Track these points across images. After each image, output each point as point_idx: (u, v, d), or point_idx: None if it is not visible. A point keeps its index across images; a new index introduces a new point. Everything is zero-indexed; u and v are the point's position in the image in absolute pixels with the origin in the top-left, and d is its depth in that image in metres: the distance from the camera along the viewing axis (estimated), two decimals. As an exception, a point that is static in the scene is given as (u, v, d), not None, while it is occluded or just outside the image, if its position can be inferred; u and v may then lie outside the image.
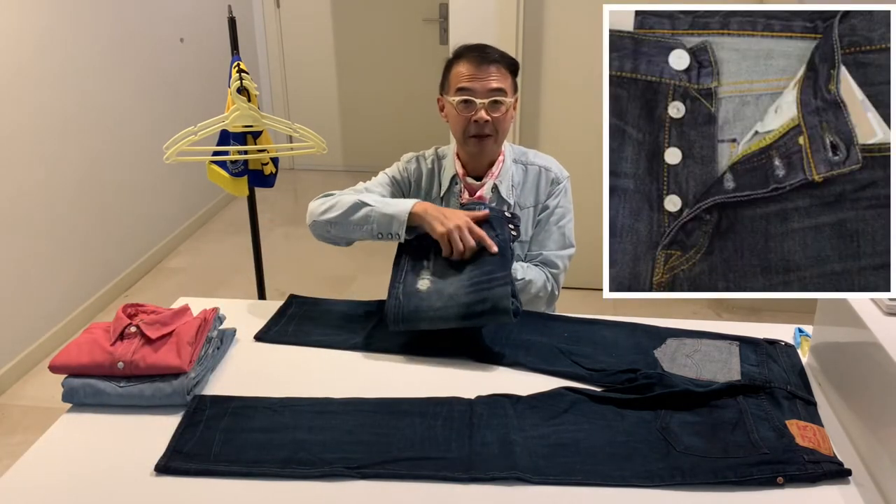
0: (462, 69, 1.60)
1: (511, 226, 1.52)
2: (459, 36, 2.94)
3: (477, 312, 1.37)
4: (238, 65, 2.09)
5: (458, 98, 1.59)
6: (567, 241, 1.72)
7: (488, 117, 1.58)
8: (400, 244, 1.53)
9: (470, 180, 1.69)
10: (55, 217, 2.92)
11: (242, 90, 2.08)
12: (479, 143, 1.62)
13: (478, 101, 1.58)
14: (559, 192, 1.72)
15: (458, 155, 1.71)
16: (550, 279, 1.67)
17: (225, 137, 2.18)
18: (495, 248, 1.44)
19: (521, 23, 2.92)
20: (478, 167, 1.69)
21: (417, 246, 1.52)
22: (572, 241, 1.73)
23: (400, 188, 1.76)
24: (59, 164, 2.92)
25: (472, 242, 1.44)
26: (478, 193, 1.68)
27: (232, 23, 2.18)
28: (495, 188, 1.69)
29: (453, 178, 1.71)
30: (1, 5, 2.55)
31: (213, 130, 2.11)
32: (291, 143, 2.30)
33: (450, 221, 1.46)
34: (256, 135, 2.22)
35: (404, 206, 1.51)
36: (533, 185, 1.72)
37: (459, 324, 1.39)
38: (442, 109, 1.70)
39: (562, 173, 1.74)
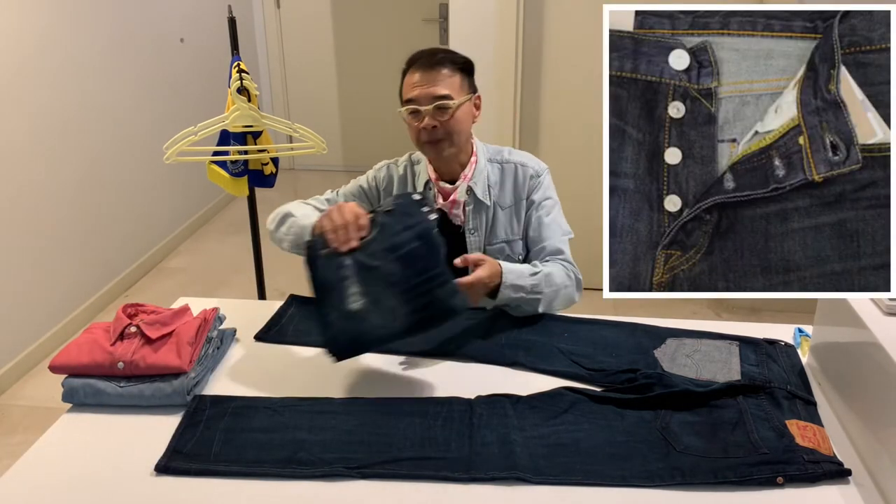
0: (409, 79, 1.59)
1: (426, 208, 1.33)
2: (459, 36, 2.94)
3: (426, 318, 1.26)
4: (238, 65, 2.09)
5: (405, 109, 1.58)
6: (563, 230, 1.70)
7: (435, 123, 1.56)
8: (312, 268, 1.33)
9: (443, 184, 1.67)
10: (55, 217, 2.91)
11: (242, 90, 2.08)
12: (434, 149, 1.59)
13: (422, 108, 1.56)
14: (540, 185, 1.70)
15: (430, 160, 1.69)
16: (567, 265, 1.64)
17: (225, 137, 2.18)
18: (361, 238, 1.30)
19: (521, 23, 2.92)
20: (449, 171, 1.66)
21: (327, 264, 1.31)
22: (567, 228, 1.71)
23: (367, 197, 1.74)
24: (59, 164, 2.92)
25: (346, 218, 1.31)
26: (451, 197, 1.66)
27: (232, 23, 2.18)
28: (470, 190, 1.66)
29: (427, 183, 1.68)
30: (1, 5, 2.55)
31: (213, 130, 2.11)
32: (291, 143, 2.30)
33: (331, 213, 1.34)
34: (256, 135, 2.22)
35: (315, 217, 1.44)
36: (511, 184, 1.69)
37: (411, 335, 1.29)
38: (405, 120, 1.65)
39: (539, 166, 1.71)
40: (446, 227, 1.68)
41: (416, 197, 1.36)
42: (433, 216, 1.32)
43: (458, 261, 1.46)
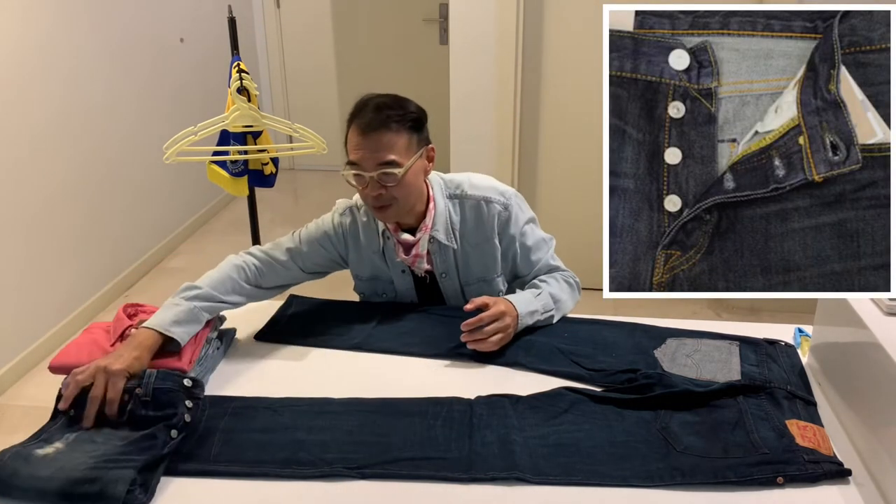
0: (353, 137, 1.43)
1: (189, 403, 1.20)
2: (459, 36, 2.94)
3: (78, 494, 1.04)
4: (238, 65, 2.09)
5: (349, 171, 1.44)
6: (546, 242, 1.64)
7: (380, 190, 1.42)
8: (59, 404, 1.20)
9: (404, 235, 1.53)
10: (55, 217, 2.91)
11: (242, 90, 2.08)
12: (382, 214, 1.48)
13: (367, 174, 1.42)
14: (511, 217, 1.57)
15: None
16: (560, 273, 1.61)
17: (225, 137, 2.18)
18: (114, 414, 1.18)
19: (521, 23, 2.92)
20: (407, 222, 1.53)
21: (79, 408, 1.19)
22: (547, 236, 1.65)
23: (334, 246, 1.60)
24: (58, 164, 2.92)
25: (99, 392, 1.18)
26: (413, 252, 1.53)
27: (232, 23, 2.18)
28: (433, 239, 1.54)
29: (384, 233, 1.56)
30: (1, 6, 2.55)
31: (213, 130, 2.11)
32: (291, 143, 2.30)
33: (101, 363, 1.21)
34: (256, 135, 2.22)
35: (148, 322, 1.33)
36: (475, 221, 1.56)
37: (54, 502, 1.04)
38: None
39: (505, 196, 1.57)
40: (414, 279, 1.62)
41: (187, 382, 1.21)
42: (190, 405, 1.20)
43: (468, 306, 1.41)
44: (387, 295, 1.66)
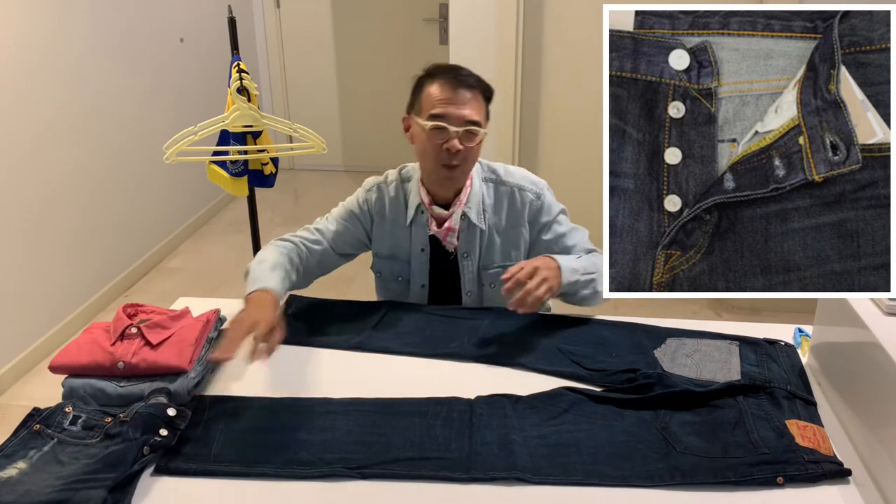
0: (436, 91, 1.48)
1: (164, 432, 1.15)
2: (459, 36, 2.94)
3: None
4: (238, 65, 2.09)
5: (430, 123, 1.47)
6: (581, 230, 1.66)
7: (461, 147, 1.48)
8: (32, 425, 1.18)
9: (437, 209, 1.59)
10: (55, 217, 2.91)
11: (242, 90, 2.08)
12: (450, 172, 1.52)
13: (452, 128, 1.46)
14: (544, 206, 1.62)
15: (422, 181, 1.60)
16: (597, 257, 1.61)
17: (225, 137, 2.18)
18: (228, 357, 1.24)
19: (521, 23, 2.92)
20: (445, 195, 1.59)
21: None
22: (580, 227, 1.67)
23: (360, 222, 1.66)
24: (58, 164, 2.92)
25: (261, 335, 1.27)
26: (446, 225, 1.58)
27: (232, 23, 2.18)
28: (464, 216, 1.59)
29: (419, 207, 1.60)
30: (2, 6, 2.55)
31: (213, 130, 2.11)
32: (291, 143, 2.30)
33: (248, 315, 1.32)
34: (256, 135, 2.22)
35: (250, 286, 1.44)
36: (507, 208, 1.62)
37: None
38: (407, 129, 1.58)
39: (538, 186, 1.63)
40: (436, 252, 1.64)
41: (172, 412, 1.18)
42: (165, 433, 1.16)
43: (504, 276, 1.40)
44: (402, 278, 1.68)
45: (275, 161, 2.33)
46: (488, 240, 1.63)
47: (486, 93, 1.54)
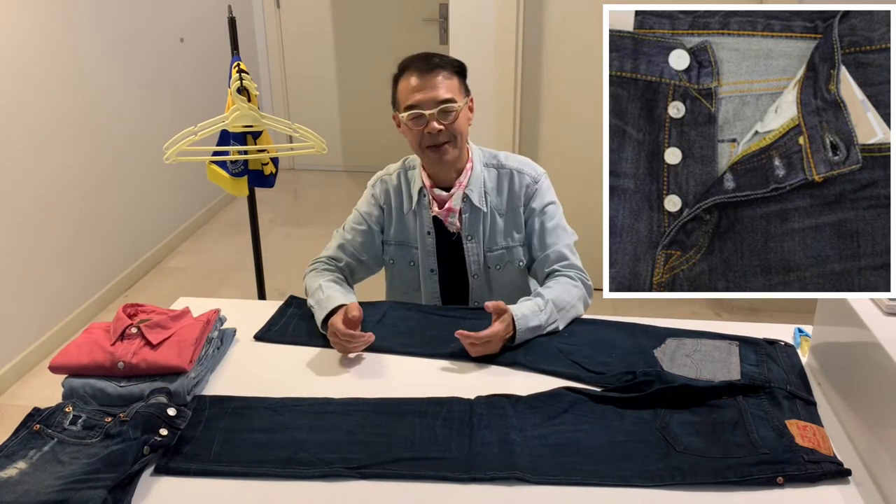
0: (408, 83, 1.56)
1: (164, 432, 1.15)
2: (459, 36, 2.94)
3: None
4: (238, 65, 2.09)
5: (407, 114, 1.55)
6: (567, 232, 1.68)
7: (441, 126, 1.54)
8: (32, 425, 1.18)
9: (438, 191, 1.64)
10: (55, 217, 2.91)
11: (242, 90, 2.08)
12: (438, 152, 1.57)
13: (427, 112, 1.54)
14: (538, 191, 1.67)
15: (423, 167, 1.67)
16: (573, 272, 1.61)
17: (225, 137, 2.18)
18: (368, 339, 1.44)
19: (521, 23, 2.92)
20: (445, 177, 1.64)
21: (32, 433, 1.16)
22: (570, 230, 1.69)
23: (374, 220, 1.72)
24: (58, 164, 2.92)
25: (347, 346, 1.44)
26: (447, 205, 1.63)
27: (232, 23, 2.18)
28: (466, 197, 1.64)
29: (421, 191, 1.66)
30: (1, 5, 2.55)
31: (213, 130, 2.11)
32: (291, 143, 2.30)
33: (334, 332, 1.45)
34: (256, 135, 2.22)
35: (320, 313, 1.52)
36: (507, 190, 1.67)
37: None
38: (399, 126, 1.64)
39: (536, 171, 1.69)
40: (442, 235, 1.67)
41: (172, 412, 1.18)
42: (162, 436, 1.15)
43: (488, 305, 1.44)
44: (414, 263, 1.73)
45: (275, 161, 2.33)
46: (491, 222, 1.67)
47: (457, 68, 1.59)
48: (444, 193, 1.64)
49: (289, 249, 3.81)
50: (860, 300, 1.22)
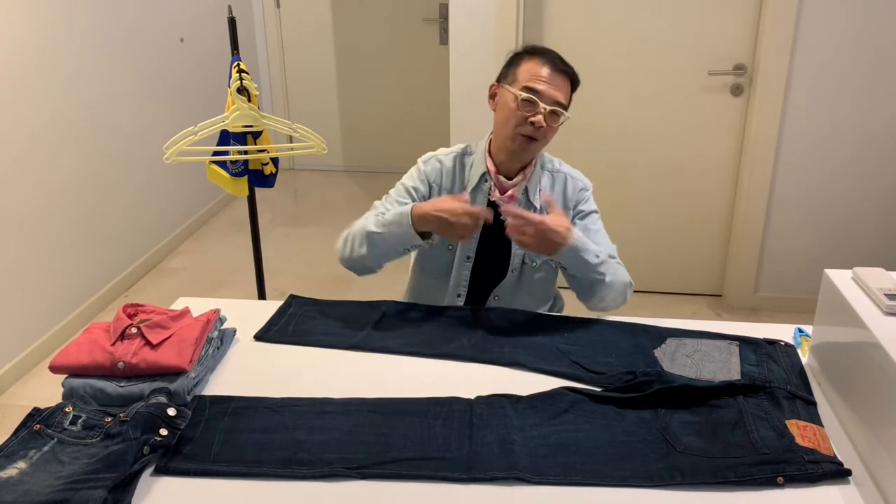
0: (536, 68, 1.59)
1: (164, 432, 1.15)
2: (459, 36, 2.94)
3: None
4: (238, 65, 2.09)
5: (524, 94, 1.57)
6: (607, 240, 1.69)
7: (544, 123, 1.57)
8: (32, 425, 1.17)
9: (502, 178, 1.67)
10: (55, 217, 2.91)
11: (242, 90, 2.08)
12: (526, 145, 1.61)
13: (542, 104, 1.57)
14: (587, 198, 1.72)
15: (489, 152, 1.68)
16: (625, 270, 1.62)
17: (225, 137, 2.18)
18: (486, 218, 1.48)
19: (521, 23, 2.92)
20: (510, 168, 1.67)
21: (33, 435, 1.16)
22: (609, 241, 1.70)
23: (416, 197, 1.71)
24: (58, 164, 2.92)
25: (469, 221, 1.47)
26: (509, 192, 1.66)
27: (232, 23, 2.18)
28: (525, 190, 1.68)
29: (483, 175, 1.68)
30: (1, 5, 2.55)
31: (213, 130, 2.11)
32: (291, 143, 2.30)
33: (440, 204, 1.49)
34: (256, 135, 2.22)
35: (405, 217, 1.53)
36: (560, 192, 1.71)
37: None
38: (492, 97, 1.67)
39: (586, 182, 1.75)
40: (487, 226, 1.62)
41: (171, 412, 1.18)
42: (164, 434, 1.15)
43: (543, 196, 1.58)
44: (452, 247, 1.72)
45: (275, 161, 2.33)
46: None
47: (575, 83, 1.66)
48: (507, 182, 1.67)
49: (289, 249, 3.82)
50: (860, 300, 1.22)
